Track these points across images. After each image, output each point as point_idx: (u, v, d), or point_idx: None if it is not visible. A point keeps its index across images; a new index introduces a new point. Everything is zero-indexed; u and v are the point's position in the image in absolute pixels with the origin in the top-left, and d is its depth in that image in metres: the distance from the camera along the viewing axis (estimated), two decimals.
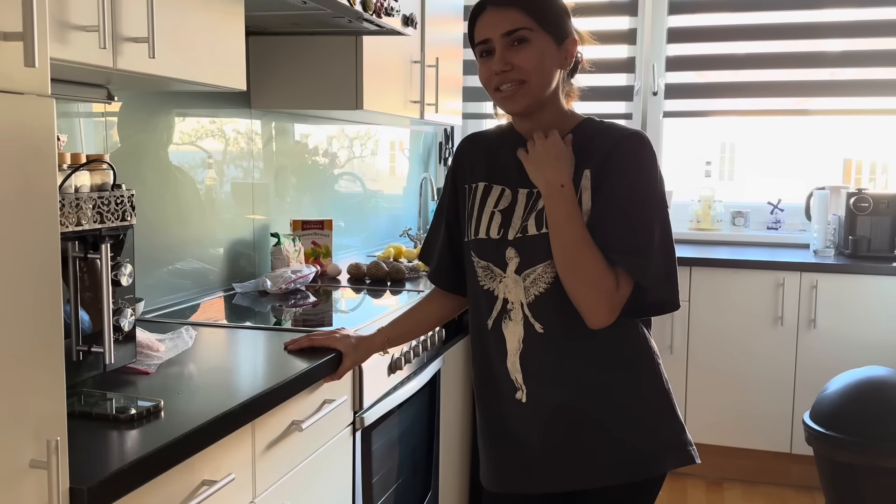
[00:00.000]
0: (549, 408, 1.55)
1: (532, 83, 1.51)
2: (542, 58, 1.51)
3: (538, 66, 1.51)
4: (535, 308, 1.54)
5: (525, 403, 1.56)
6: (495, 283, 1.58)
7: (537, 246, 1.52)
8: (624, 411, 1.55)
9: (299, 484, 1.70)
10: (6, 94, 0.95)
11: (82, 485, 1.06)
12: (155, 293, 2.24)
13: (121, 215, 1.49)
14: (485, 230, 1.59)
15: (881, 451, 2.94)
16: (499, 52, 1.51)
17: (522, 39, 1.50)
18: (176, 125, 2.35)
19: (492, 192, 1.61)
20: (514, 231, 1.55)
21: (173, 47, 1.64)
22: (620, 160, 1.50)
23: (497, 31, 1.51)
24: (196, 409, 1.39)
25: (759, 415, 3.59)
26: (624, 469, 1.54)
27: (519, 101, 1.53)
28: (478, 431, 1.70)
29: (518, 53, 1.50)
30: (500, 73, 1.51)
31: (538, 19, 1.51)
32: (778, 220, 4.11)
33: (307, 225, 2.89)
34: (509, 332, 1.57)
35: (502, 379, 1.59)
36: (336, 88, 2.63)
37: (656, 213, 1.50)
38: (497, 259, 1.57)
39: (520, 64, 1.50)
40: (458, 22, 3.66)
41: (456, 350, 2.70)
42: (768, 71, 3.98)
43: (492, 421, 1.64)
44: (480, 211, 1.61)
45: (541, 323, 1.53)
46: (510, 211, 1.57)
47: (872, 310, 3.46)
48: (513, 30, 1.50)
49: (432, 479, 2.54)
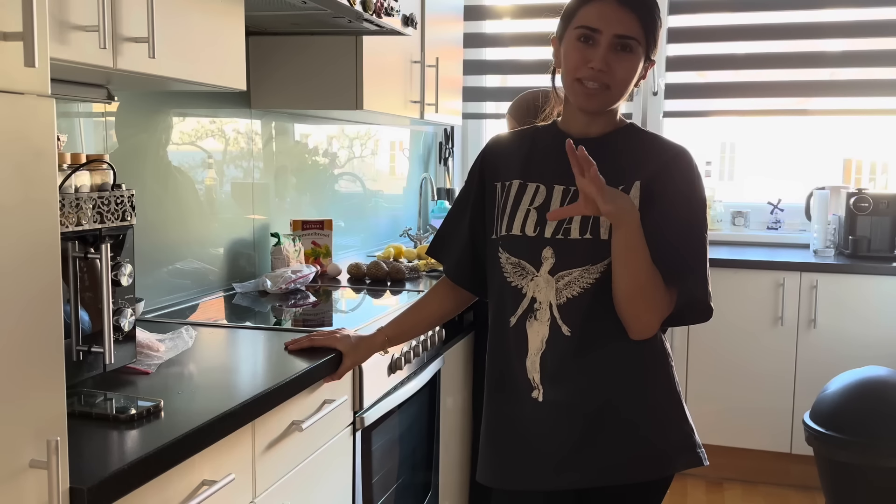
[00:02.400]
0: (565, 408, 1.54)
1: (615, 92, 1.52)
2: (635, 72, 1.53)
3: (629, 80, 1.53)
4: (564, 311, 1.53)
5: (541, 403, 1.56)
6: (525, 280, 1.57)
7: (578, 250, 1.52)
8: (639, 412, 1.55)
9: (299, 484, 1.70)
10: (6, 94, 0.95)
11: (82, 485, 1.06)
12: (155, 293, 2.23)
13: (121, 215, 1.49)
14: (519, 227, 1.58)
15: (881, 451, 2.94)
16: (604, 50, 1.50)
17: (627, 48, 1.50)
18: (176, 125, 2.35)
19: (527, 189, 1.60)
20: (551, 230, 1.55)
21: (173, 47, 1.64)
22: (676, 179, 1.53)
23: (613, 28, 1.49)
24: (196, 409, 1.39)
25: (760, 415, 3.59)
26: (637, 469, 1.54)
27: (597, 104, 1.54)
28: (485, 430, 1.68)
29: (620, 60, 1.50)
30: (598, 70, 1.50)
31: (646, 35, 1.51)
32: (778, 220, 4.11)
33: (307, 225, 2.89)
34: (533, 332, 1.56)
35: (519, 377, 1.58)
36: (336, 88, 2.63)
37: (705, 232, 1.55)
38: (531, 257, 1.56)
39: (617, 72, 1.50)
40: (458, 22, 3.67)
41: (456, 350, 2.70)
42: (768, 71, 3.97)
43: (505, 419, 1.62)
44: (515, 208, 1.60)
45: (569, 326, 1.53)
46: (545, 208, 1.57)
47: (872, 310, 3.46)
48: (626, 36, 1.49)
49: (432, 479, 2.54)
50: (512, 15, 4.28)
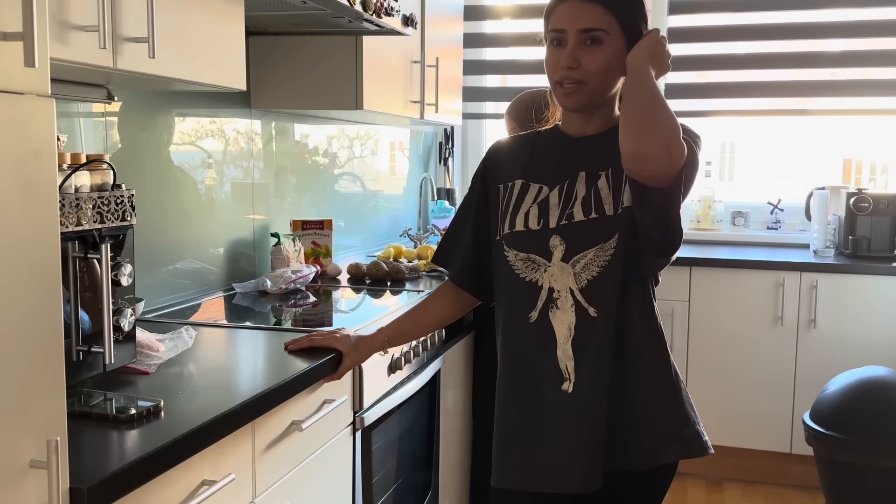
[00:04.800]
0: (596, 396, 1.54)
1: (592, 86, 1.52)
2: (610, 63, 1.51)
3: (603, 70, 1.51)
4: (588, 293, 1.54)
5: (572, 394, 1.55)
6: (539, 273, 1.57)
7: (586, 231, 1.53)
8: (660, 396, 1.58)
9: (299, 484, 1.70)
10: (6, 94, 0.96)
11: (82, 485, 1.06)
12: (155, 293, 2.24)
13: (121, 215, 1.49)
14: (522, 222, 1.59)
15: (881, 451, 2.94)
16: (570, 47, 1.50)
17: (597, 40, 1.50)
18: (176, 125, 2.35)
19: (530, 189, 1.61)
20: (554, 219, 1.56)
21: (173, 47, 1.64)
22: None
23: (575, 24, 1.49)
24: (196, 409, 1.39)
25: (759, 415, 3.59)
26: (654, 453, 1.56)
27: (576, 101, 1.54)
28: (503, 431, 1.64)
29: (588, 54, 1.50)
30: (566, 68, 1.50)
31: (620, 21, 1.50)
32: (778, 220, 4.11)
33: (307, 225, 2.89)
34: (557, 321, 1.56)
35: (548, 371, 1.57)
36: (336, 88, 2.63)
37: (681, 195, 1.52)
38: (540, 249, 1.57)
39: (587, 65, 1.50)
40: (458, 22, 3.67)
41: (456, 350, 2.70)
42: (768, 71, 3.98)
43: (531, 417, 1.60)
44: (517, 206, 1.61)
45: (595, 307, 1.54)
46: (545, 202, 1.58)
47: (872, 310, 3.46)
48: (590, 28, 1.49)
49: (432, 479, 2.54)
50: (512, 15, 4.28)
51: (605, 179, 1.54)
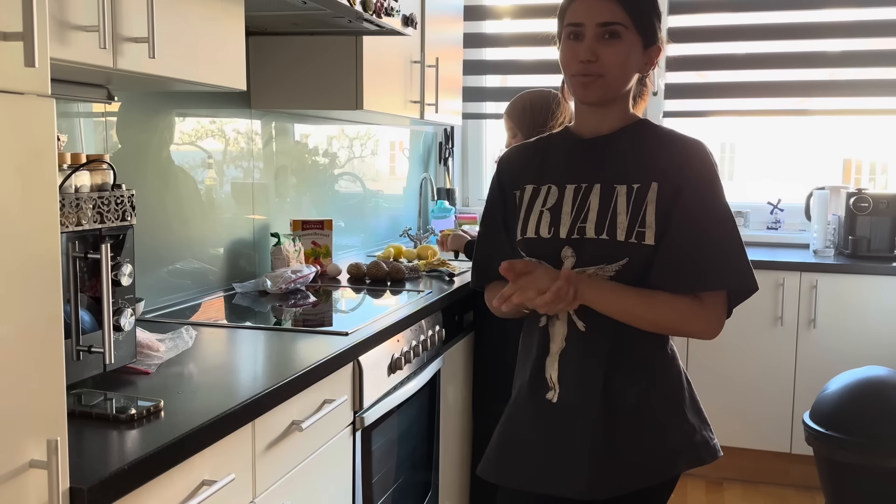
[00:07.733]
0: (583, 408, 1.53)
1: (610, 78, 1.52)
2: (628, 58, 1.52)
3: (621, 64, 1.52)
4: (580, 307, 1.52)
5: (556, 403, 1.56)
6: None
7: (594, 250, 1.52)
8: (665, 408, 1.56)
9: (299, 484, 1.70)
10: (6, 94, 0.96)
11: (82, 485, 1.07)
12: (155, 293, 2.24)
13: (121, 215, 1.49)
14: (534, 229, 1.58)
15: (881, 451, 2.94)
16: (589, 40, 1.50)
17: (615, 34, 1.50)
18: (176, 125, 2.35)
19: (540, 192, 1.61)
20: (565, 230, 1.55)
21: (173, 47, 1.64)
22: (694, 179, 1.53)
23: (593, 18, 1.50)
24: (196, 409, 1.39)
25: (759, 415, 3.59)
26: (647, 474, 1.54)
27: (593, 93, 1.54)
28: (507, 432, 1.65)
29: (607, 47, 1.50)
30: (585, 62, 1.51)
31: (634, 18, 1.51)
32: (778, 220, 4.11)
33: (307, 225, 2.89)
34: (555, 330, 1.57)
35: (540, 377, 1.58)
36: (336, 88, 2.63)
37: (733, 221, 1.61)
38: (551, 257, 1.56)
39: (605, 58, 1.50)
40: (458, 22, 3.67)
41: (456, 350, 2.70)
42: (768, 71, 3.97)
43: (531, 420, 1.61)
44: (529, 211, 1.60)
45: (584, 322, 1.54)
46: (557, 208, 1.57)
47: (872, 310, 3.46)
48: (609, 22, 1.50)
49: (432, 479, 2.54)
50: (512, 15, 4.28)
51: (625, 197, 1.52)
